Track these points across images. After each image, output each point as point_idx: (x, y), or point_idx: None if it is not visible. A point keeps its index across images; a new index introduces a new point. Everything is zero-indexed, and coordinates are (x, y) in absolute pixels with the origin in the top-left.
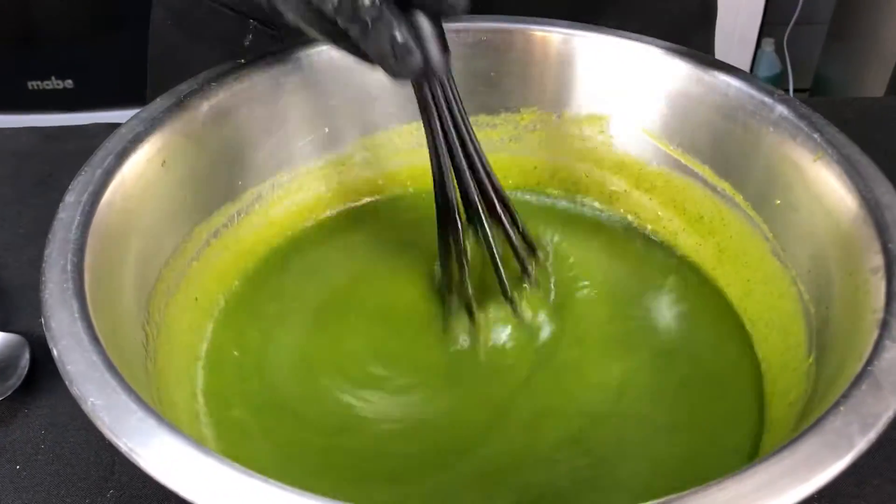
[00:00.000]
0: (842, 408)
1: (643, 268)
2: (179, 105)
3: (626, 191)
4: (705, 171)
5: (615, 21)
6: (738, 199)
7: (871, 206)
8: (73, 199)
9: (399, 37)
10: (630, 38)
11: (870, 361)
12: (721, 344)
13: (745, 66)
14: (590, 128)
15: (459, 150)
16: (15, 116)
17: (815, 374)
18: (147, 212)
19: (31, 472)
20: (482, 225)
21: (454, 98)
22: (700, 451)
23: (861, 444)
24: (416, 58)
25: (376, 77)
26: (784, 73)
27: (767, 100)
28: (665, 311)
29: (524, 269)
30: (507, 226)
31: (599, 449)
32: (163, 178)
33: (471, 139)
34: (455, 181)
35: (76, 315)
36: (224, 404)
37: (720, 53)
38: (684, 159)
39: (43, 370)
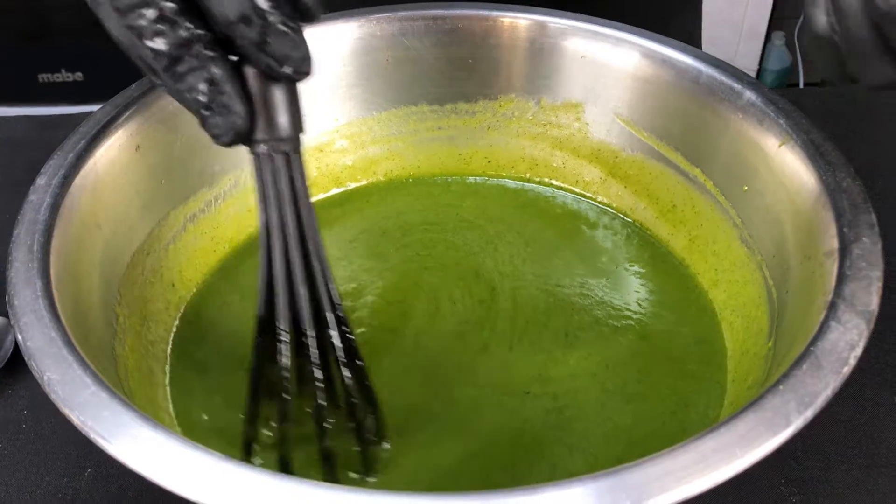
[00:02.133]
0: (781, 386)
1: (618, 253)
2: (154, 90)
3: (602, 179)
4: (677, 158)
5: (599, 6)
6: (709, 185)
7: (830, 190)
8: (43, 182)
9: (204, 87)
10: (604, 25)
11: (813, 342)
12: (690, 328)
13: (755, 61)
14: (566, 115)
15: (298, 253)
16: (25, 108)
17: (772, 359)
18: (120, 195)
19: (11, 451)
20: (310, 372)
21: (300, 188)
22: (657, 424)
23: (798, 422)
24: (234, 119)
25: (354, 66)
26: (794, 66)
27: (736, 85)
28: (638, 295)
29: (359, 434)
30: (348, 377)
31: (568, 406)
32: (137, 163)
33: (313, 247)
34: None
35: (39, 294)
36: (187, 390)
37: (729, 48)
38: (657, 146)
39: None
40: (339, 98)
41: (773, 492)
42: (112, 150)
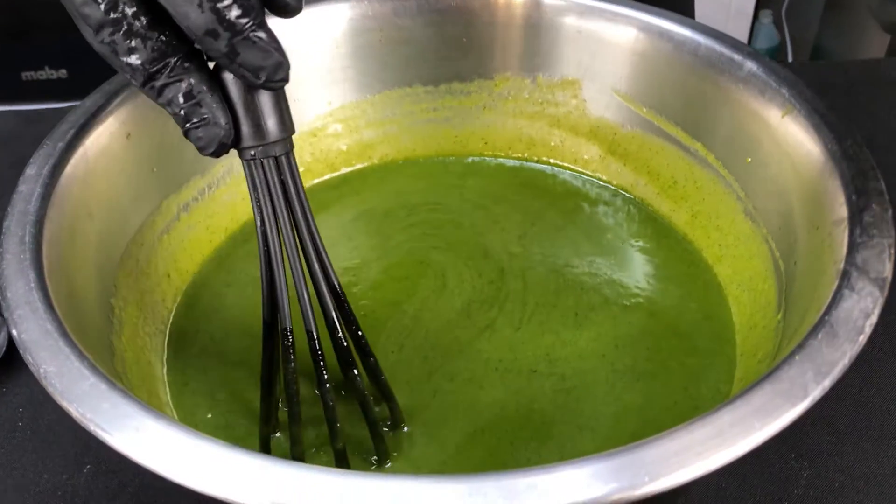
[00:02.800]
0: (797, 357)
1: (622, 230)
2: None
3: (601, 157)
4: (678, 132)
5: None
6: (710, 158)
7: (836, 159)
8: (33, 172)
9: (182, 100)
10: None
11: (827, 311)
12: (697, 304)
13: (743, 39)
14: (563, 93)
15: (297, 256)
16: (9, 107)
17: (783, 331)
18: (112, 185)
19: (8, 449)
20: (319, 374)
21: (294, 190)
22: (669, 402)
23: (816, 392)
24: (216, 130)
25: (347, 48)
26: (783, 44)
27: (737, 56)
28: (644, 271)
29: (372, 429)
30: (356, 375)
31: (576, 386)
32: (128, 151)
33: (314, 249)
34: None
35: (32, 285)
36: (184, 380)
37: (717, 27)
38: (657, 121)
39: None
40: (331, 81)
41: (783, 466)
42: (102, 139)
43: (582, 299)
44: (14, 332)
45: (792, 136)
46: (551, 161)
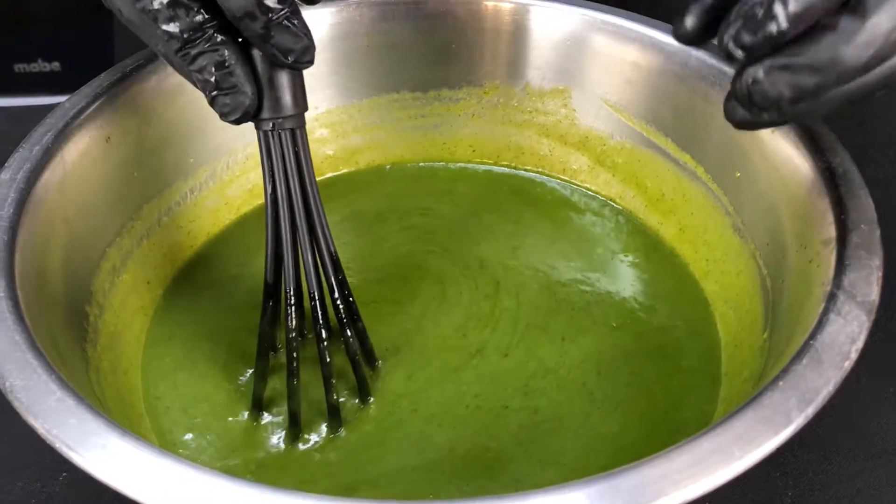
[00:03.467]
0: (781, 383)
1: (612, 243)
2: (124, 80)
3: (590, 167)
4: (667, 144)
5: None
6: (700, 171)
7: (826, 176)
8: (7, 177)
9: (214, 69)
10: (590, 8)
11: (813, 335)
12: (684, 321)
13: None
14: (553, 101)
15: (305, 223)
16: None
17: (769, 351)
18: (90, 189)
19: None
20: (320, 333)
21: (305, 161)
22: (648, 428)
23: (799, 420)
24: (243, 99)
25: (333, 53)
26: None
27: (727, 68)
28: (634, 288)
29: (360, 387)
30: (350, 335)
31: (547, 417)
32: (108, 155)
33: (318, 216)
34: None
35: (2, 294)
36: (162, 392)
37: None
38: (646, 132)
39: None
40: (318, 86)
41: (768, 485)
42: (81, 143)
43: (572, 321)
44: None
45: (782, 152)
46: (539, 170)
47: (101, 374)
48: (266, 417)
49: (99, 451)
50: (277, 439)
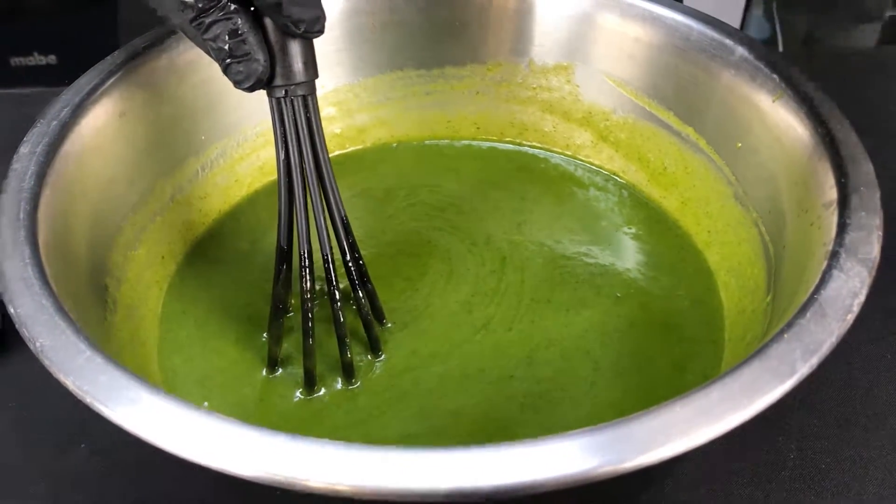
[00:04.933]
0: (786, 335)
1: (615, 216)
2: (137, 58)
3: (593, 143)
4: (669, 117)
5: None
6: (702, 143)
7: (826, 142)
8: (27, 150)
9: (228, 37)
10: None
11: (816, 291)
12: (686, 290)
13: None
14: (556, 77)
15: (317, 187)
16: None
17: (771, 313)
18: (106, 164)
19: (2, 429)
20: (334, 294)
21: (316, 127)
22: (650, 392)
23: (804, 370)
24: (255, 66)
25: (340, 31)
26: (774, 35)
27: (728, 41)
28: (637, 259)
29: (373, 345)
30: (361, 296)
31: (551, 387)
32: (121, 131)
33: (330, 180)
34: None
35: (27, 261)
36: (177, 366)
37: None
38: (649, 106)
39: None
40: (325, 64)
41: (771, 448)
42: (97, 118)
43: (576, 293)
44: (10, 308)
45: (783, 121)
46: (543, 146)
47: (120, 343)
48: (279, 372)
49: (130, 405)
50: (289, 402)
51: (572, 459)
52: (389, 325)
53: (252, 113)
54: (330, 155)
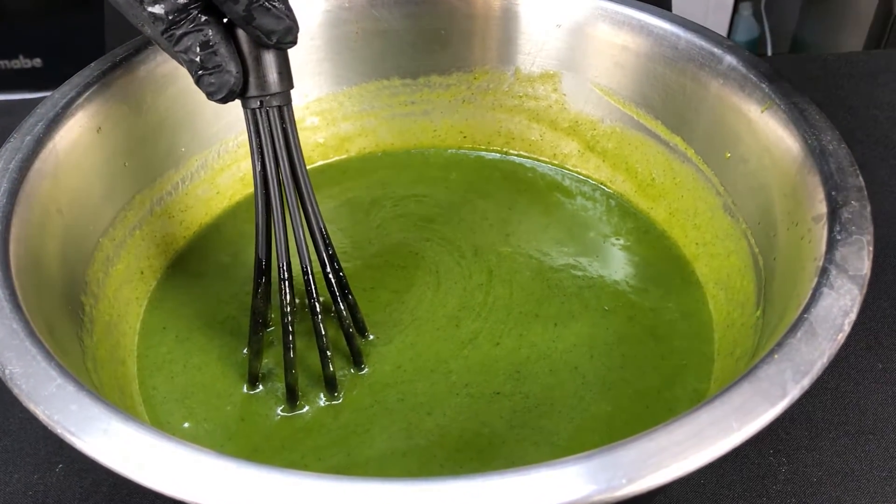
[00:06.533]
0: (776, 356)
1: (603, 227)
2: (115, 69)
3: (580, 152)
4: (657, 127)
5: None
6: (690, 153)
7: (816, 154)
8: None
9: (199, 49)
10: None
11: (806, 309)
12: (675, 302)
13: (723, 32)
14: (543, 86)
15: (295, 198)
16: None
17: (762, 328)
18: (82, 179)
19: None
20: (314, 307)
21: (293, 138)
22: (641, 408)
23: (794, 392)
24: (227, 77)
25: (323, 40)
26: (762, 37)
27: (716, 50)
28: (625, 271)
29: (355, 358)
30: (342, 308)
31: (539, 402)
32: (98, 145)
33: (307, 191)
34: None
35: None
36: (158, 382)
37: (696, 20)
38: (636, 115)
39: None
40: (308, 73)
41: (762, 461)
42: (72, 133)
43: (564, 307)
44: None
45: (772, 132)
46: (530, 155)
47: (97, 363)
48: (260, 389)
49: (101, 435)
50: (271, 420)
51: (564, 489)
52: (372, 337)
53: (233, 123)
54: (314, 165)
